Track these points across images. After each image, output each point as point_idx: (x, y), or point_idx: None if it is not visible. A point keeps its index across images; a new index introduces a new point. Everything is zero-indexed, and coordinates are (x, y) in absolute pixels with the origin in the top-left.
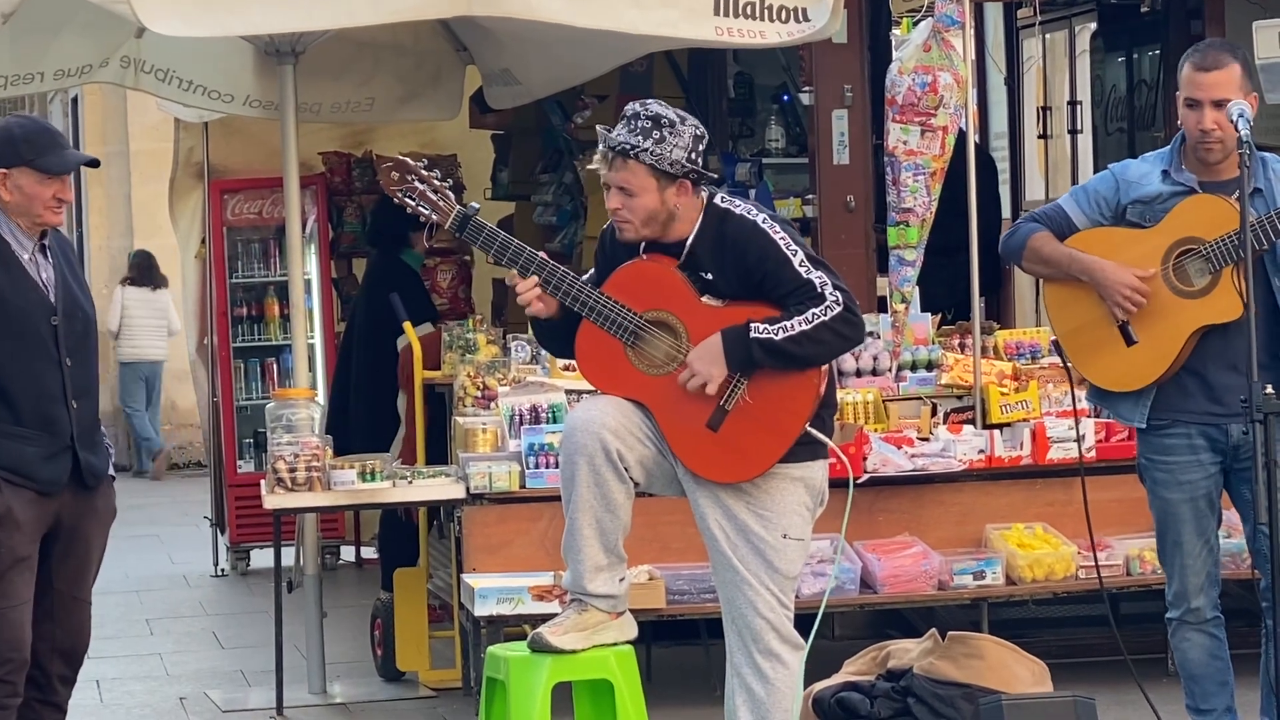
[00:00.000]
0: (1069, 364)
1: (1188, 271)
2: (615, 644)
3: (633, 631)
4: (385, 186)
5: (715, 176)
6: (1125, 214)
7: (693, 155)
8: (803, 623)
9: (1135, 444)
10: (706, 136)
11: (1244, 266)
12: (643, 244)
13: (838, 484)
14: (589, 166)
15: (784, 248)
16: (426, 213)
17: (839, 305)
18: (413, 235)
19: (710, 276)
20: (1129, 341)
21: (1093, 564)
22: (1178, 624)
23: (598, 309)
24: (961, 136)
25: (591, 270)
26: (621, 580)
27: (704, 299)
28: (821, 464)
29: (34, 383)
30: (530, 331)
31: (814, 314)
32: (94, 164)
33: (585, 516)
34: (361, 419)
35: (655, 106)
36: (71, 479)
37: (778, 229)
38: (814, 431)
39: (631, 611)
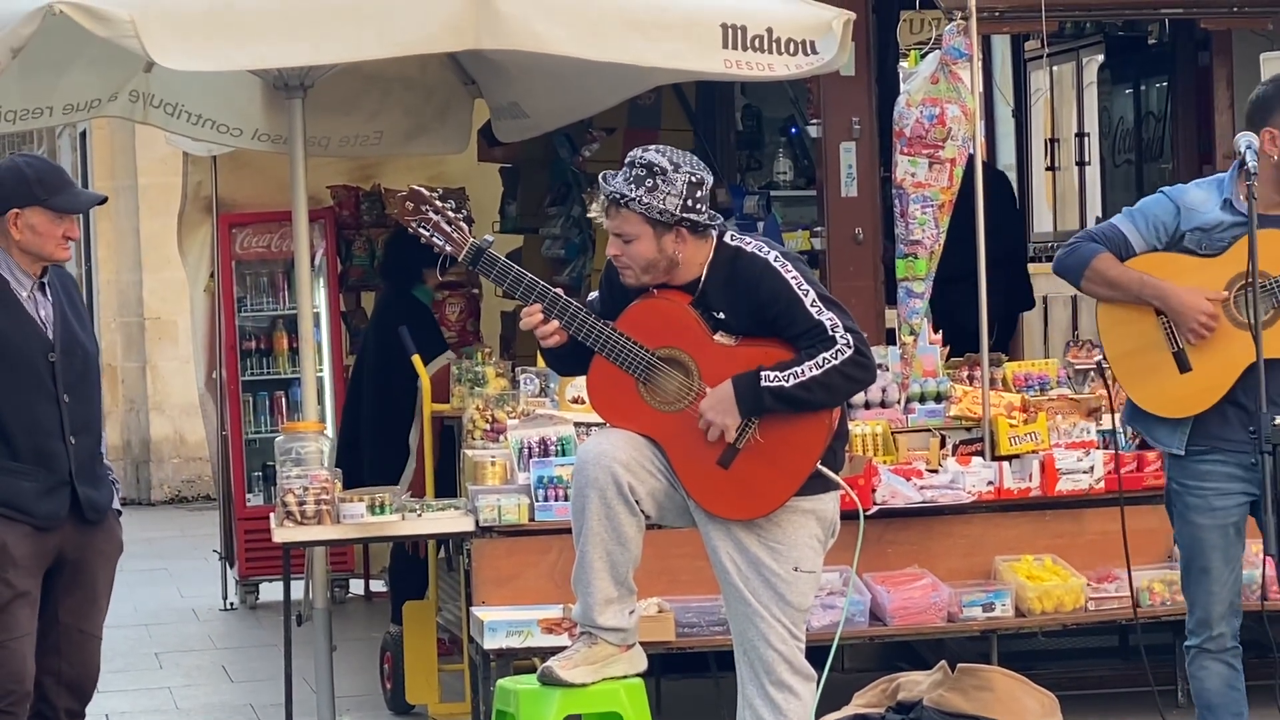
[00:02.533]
0: (1111, 385)
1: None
2: (625, 676)
3: (642, 664)
4: (399, 216)
5: (716, 224)
6: (1183, 240)
7: (688, 202)
8: (815, 655)
9: (1142, 475)
10: (707, 182)
11: (1252, 297)
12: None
13: (849, 515)
14: (589, 215)
15: (795, 287)
16: (440, 244)
17: (849, 348)
18: (426, 271)
19: (722, 315)
20: (1183, 369)
21: (1103, 595)
22: (1197, 652)
23: (610, 345)
24: (970, 162)
25: (594, 294)
26: (631, 613)
27: (716, 336)
28: (833, 496)
29: (30, 418)
30: (539, 364)
31: (824, 358)
32: (103, 201)
33: (596, 549)
34: (372, 452)
35: (651, 154)
36: (71, 514)
37: (789, 267)
38: (826, 470)
39: (641, 644)
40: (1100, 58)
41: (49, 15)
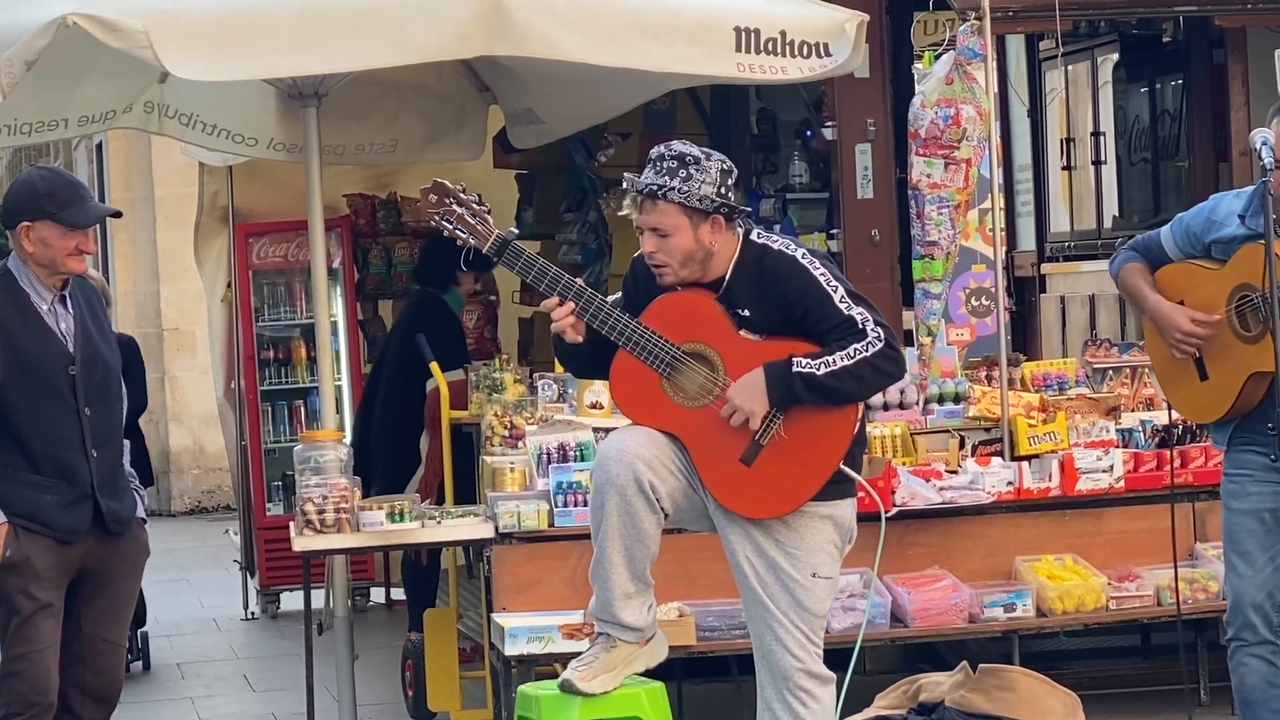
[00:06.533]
0: (1162, 392)
1: (1248, 316)
2: (648, 669)
3: (663, 652)
4: (423, 209)
5: (748, 210)
6: (1210, 250)
7: (721, 190)
8: (837, 658)
9: (1163, 475)
10: (735, 171)
11: (1271, 305)
12: None
13: (870, 518)
14: (620, 213)
15: (824, 284)
16: (465, 236)
17: (880, 341)
18: (460, 275)
19: (748, 313)
20: (1202, 376)
21: (1123, 595)
22: (1234, 645)
23: (635, 339)
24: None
25: (619, 294)
26: (649, 609)
27: (741, 333)
28: (850, 502)
29: (51, 432)
30: (557, 369)
31: (855, 349)
32: (116, 215)
33: (614, 544)
34: (383, 456)
35: (679, 146)
36: (94, 526)
37: (817, 264)
38: (847, 469)
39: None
40: (1115, 56)
41: (62, 27)
